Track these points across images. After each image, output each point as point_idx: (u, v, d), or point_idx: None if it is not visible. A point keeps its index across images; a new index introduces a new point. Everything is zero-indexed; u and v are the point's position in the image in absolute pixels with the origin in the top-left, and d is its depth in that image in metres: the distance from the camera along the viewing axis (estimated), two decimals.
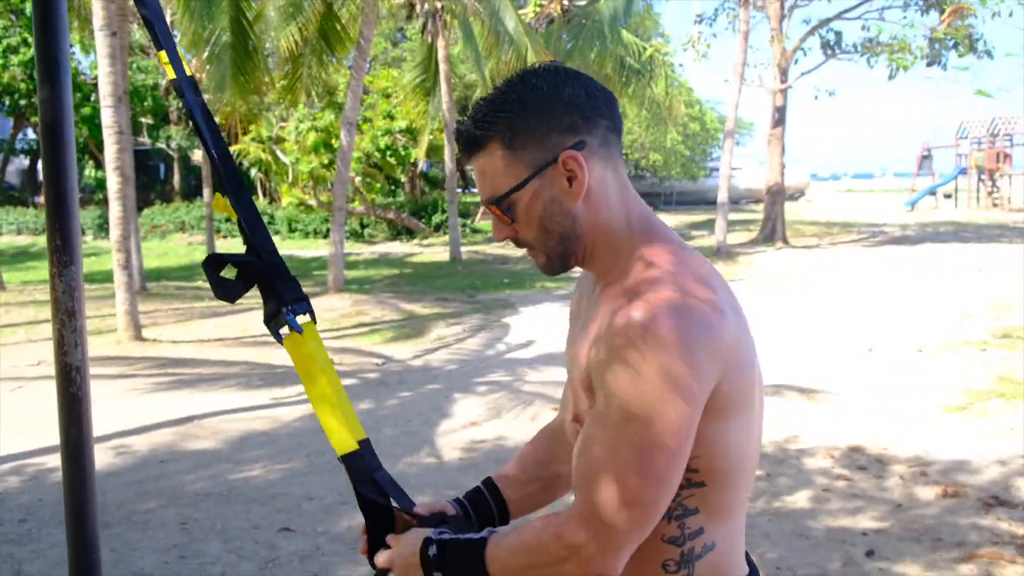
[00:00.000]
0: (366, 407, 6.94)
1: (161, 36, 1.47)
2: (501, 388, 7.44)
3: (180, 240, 25.25)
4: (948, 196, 33.58)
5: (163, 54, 1.46)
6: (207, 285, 1.36)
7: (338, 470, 5.07)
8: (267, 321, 1.45)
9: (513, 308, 11.98)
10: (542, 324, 10.60)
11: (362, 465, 1.41)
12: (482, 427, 6.29)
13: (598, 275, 1.35)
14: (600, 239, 1.32)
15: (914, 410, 6.32)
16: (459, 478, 5.20)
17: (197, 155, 28.57)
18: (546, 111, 1.27)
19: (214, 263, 1.43)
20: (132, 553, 4.16)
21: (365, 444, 1.43)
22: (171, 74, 1.45)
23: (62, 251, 1.91)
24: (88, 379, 1.99)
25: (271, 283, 1.44)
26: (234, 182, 1.46)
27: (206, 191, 19.16)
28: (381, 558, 1.38)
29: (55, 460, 3.71)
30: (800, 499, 4.74)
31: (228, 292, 1.44)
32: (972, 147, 31.21)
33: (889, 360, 7.99)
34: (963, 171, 31.85)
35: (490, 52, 17.11)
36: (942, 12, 16.20)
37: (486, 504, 1.55)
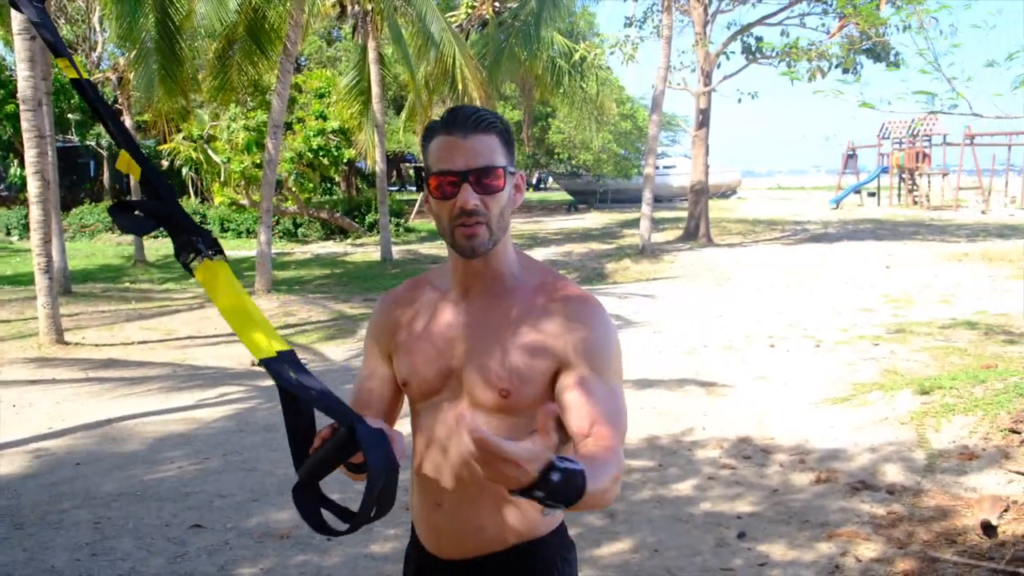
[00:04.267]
0: None
1: (59, 47, 1.63)
2: None
3: (109, 240, 24.87)
4: (872, 194, 34.66)
5: (62, 61, 1.63)
6: (134, 286, 1.48)
7: (251, 468, 5.27)
8: (177, 253, 1.55)
9: None
10: None
11: (285, 369, 1.44)
12: (397, 424, 6.51)
13: (489, 277, 1.68)
14: (506, 244, 1.68)
15: (802, 402, 6.73)
16: None
17: None
18: (513, 141, 1.66)
19: (120, 207, 1.53)
20: (44, 552, 4.31)
21: (287, 354, 1.47)
22: (72, 75, 1.62)
23: None
24: None
25: (178, 223, 1.54)
26: (133, 145, 1.60)
27: (134, 191, 18.96)
28: (509, 447, 1.19)
29: None
30: (685, 487, 5.08)
31: (137, 226, 1.55)
32: (894, 147, 32.27)
33: (787, 354, 8.43)
34: (885, 170, 32.92)
35: (420, 54, 17.29)
36: (855, 22, 16.79)
37: None
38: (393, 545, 4.26)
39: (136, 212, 1.55)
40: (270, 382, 8.05)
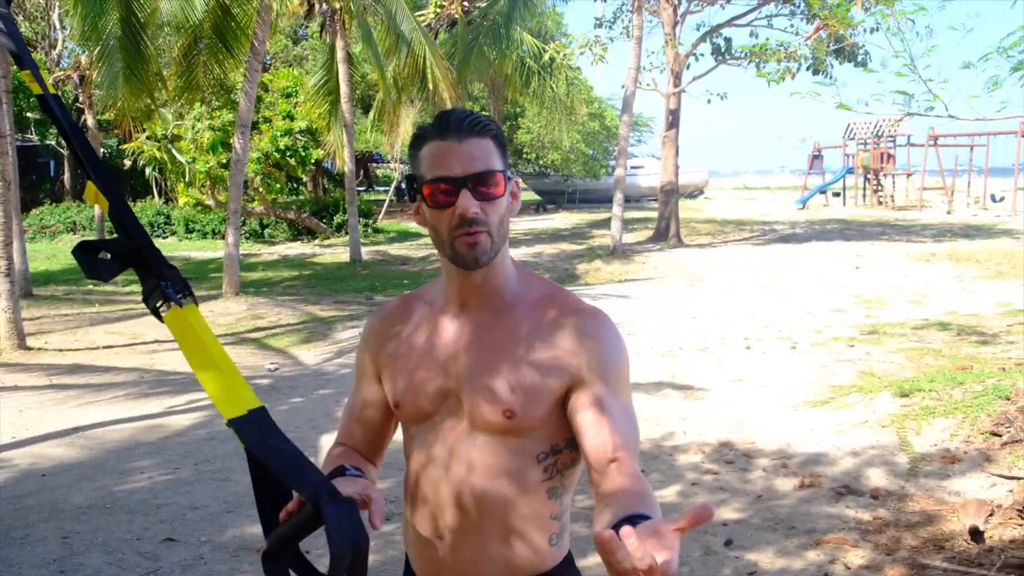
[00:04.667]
0: None
1: (24, 57, 1.51)
2: None
3: (70, 241, 24.41)
4: (837, 194, 35.04)
5: (26, 73, 1.51)
6: (98, 288, 1.39)
7: (224, 479, 5.12)
8: (146, 298, 1.45)
9: None
10: None
11: (252, 431, 1.35)
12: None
13: (487, 290, 1.57)
14: (505, 256, 1.57)
15: (781, 405, 6.71)
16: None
17: None
18: (506, 145, 1.57)
19: (85, 249, 1.43)
20: (9, 570, 4.15)
21: (258, 412, 1.37)
22: (37, 90, 1.50)
23: None
24: None
25: (146, 262, 1.44)
26: (103, 173, 1.48)
27: None
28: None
29: None
30: (669, 493, 5.02)
31: (102, 271, 1.44)
32: (859, 148, 32.63)
33: (764, 356, 8.42)
34: (850, 170, 33.28)
35: (390, 53, 17.13)
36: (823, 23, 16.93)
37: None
38: (376, 558, 4.14)
39: (102, 253, 1.45)
40: None
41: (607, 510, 1.30)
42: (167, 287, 1.43)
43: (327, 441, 6.18)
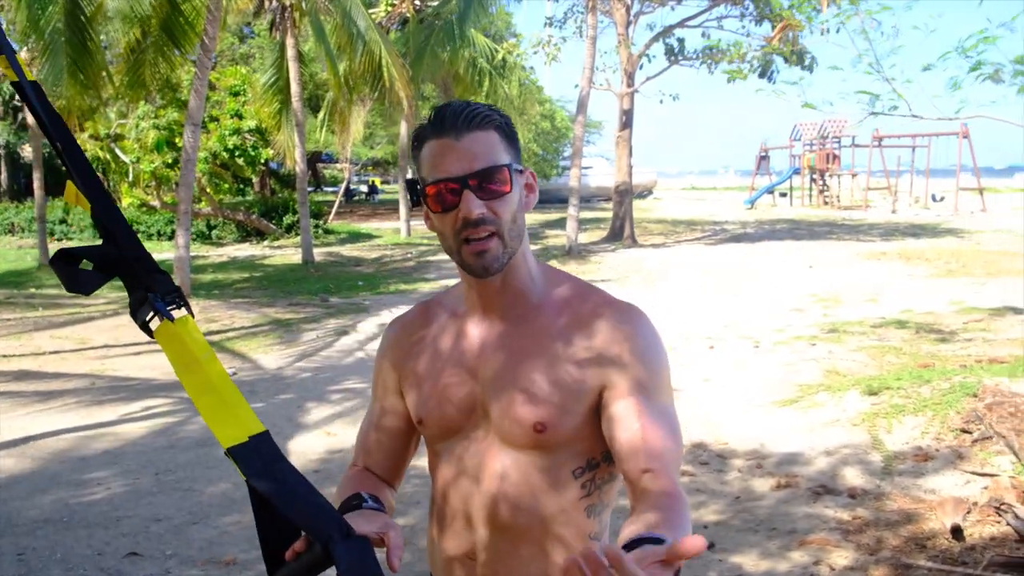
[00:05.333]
0: None
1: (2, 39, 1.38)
2: (356, 396, 7.39)
3: (9, 244, 23.64)
4: (784, 195, 35.60)
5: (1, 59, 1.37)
6: (40, 292, 1.27)
7: (188, 488, 4.92)
8: (134, 312, 1.30)
9: (368, 312, 11.89)
10: None
11: (254, 460, 1.23)
12: (337, 437, 6.24)
13: (509, 296, 1.45)
14: (524, 256, 1.45)
15: (750, 405, 6.70)
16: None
17: (27, 151, 26.82)
18: (516, 134, 1.44)
19: (63, 258, 1.28)
20: None
21: (261, 438, 1.25)
22: (12, 77, 1.34)
23: None
24: None
25: (133, 272, 1.29)
26: (85, 170, 1.32)
27: (37, 191, 17.97)
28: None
29: None
30: None
31: (83, 284, 1.29)
32: (805, 148, 33.16)
33: (729, 356, 8.43)
34: (797, 171, 33.82)
35: (343, 51, 16.88)
36: (774, 25, 17.17)
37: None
38: None
39: (83, 262, 1.30)
40: None
41: (627, 527, 1.21)
42: (156, 299, 1.28)
43: (294, 447, 6.02)
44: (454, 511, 1.51)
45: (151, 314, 1.28)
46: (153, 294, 1.28)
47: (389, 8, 21.05)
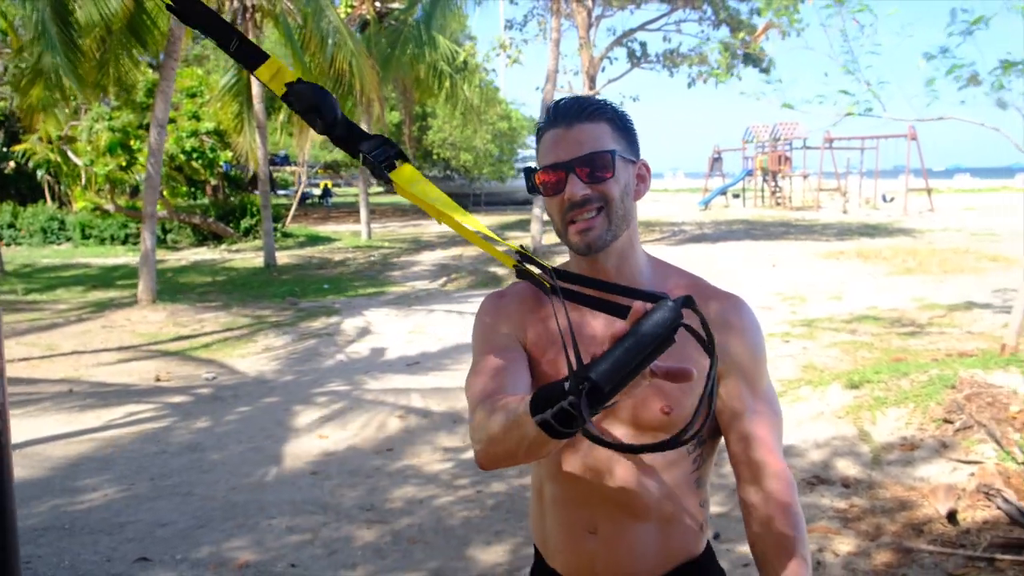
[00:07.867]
0: (204, 424, 6.69)
1: None
2: (341, 398, 7.38)
3: None
4: (736, 196, 36.15)
5: None
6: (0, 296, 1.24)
7: (187, 493, 4.88)
8: (365, 157, 1.30)
9: (339, 314, 11.85)
10: (371, 331, 10.59)
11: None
12: (330, 439, 6.24)
13: (622, 280, 1.52)
14: (634, 242, 1.55)
15: None
16: (314, 492, 5.17)
17: None
18: (632, 128, 1.54)
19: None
20: None
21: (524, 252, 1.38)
22: None
23: None
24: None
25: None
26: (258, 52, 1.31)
27: None
28: None
29: None
30: None
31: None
32: (757, 150, 33.72)
33: None
34: (749, 172, 34.36)
35: (311, 51, 16.72)
36: (732, 28, 17.51)
37: None
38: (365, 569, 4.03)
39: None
40: (180, 398, 7.62)
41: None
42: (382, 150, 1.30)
43: (287, 450, 6.00)
44: (574, 488, 1.57)
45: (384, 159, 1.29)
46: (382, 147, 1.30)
47: (349, 10, 20.96)
